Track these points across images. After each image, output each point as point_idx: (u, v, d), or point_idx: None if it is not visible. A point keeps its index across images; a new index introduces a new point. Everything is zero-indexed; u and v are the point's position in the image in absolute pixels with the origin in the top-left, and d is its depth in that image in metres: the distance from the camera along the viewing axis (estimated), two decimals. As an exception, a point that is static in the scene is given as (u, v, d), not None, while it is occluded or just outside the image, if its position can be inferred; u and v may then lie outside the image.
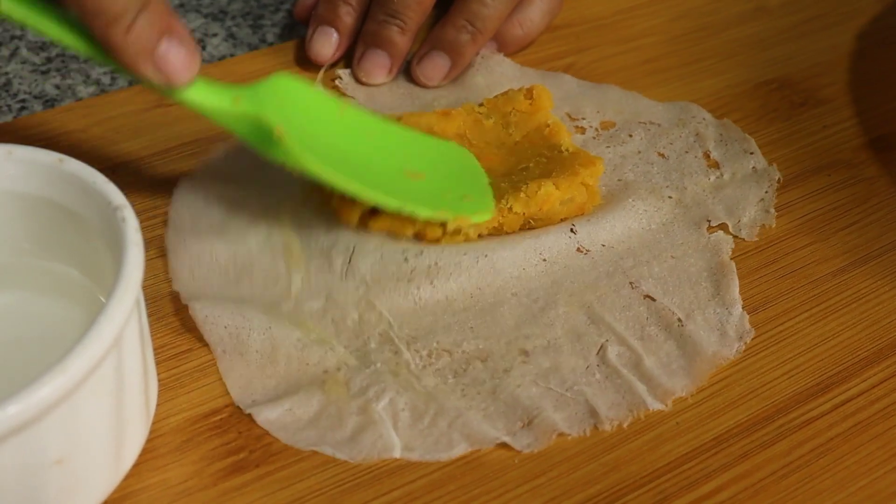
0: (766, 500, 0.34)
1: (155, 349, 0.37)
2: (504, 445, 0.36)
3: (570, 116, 0.50)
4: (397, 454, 0.35)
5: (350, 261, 0.41)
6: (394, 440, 0.35)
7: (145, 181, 0.46)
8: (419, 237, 0.42)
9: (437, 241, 0.42)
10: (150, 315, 0.38)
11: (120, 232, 0.32)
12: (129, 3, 0.34)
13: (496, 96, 0.48)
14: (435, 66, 0.51)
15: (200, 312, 0.39)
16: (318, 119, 0.42)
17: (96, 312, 0.29)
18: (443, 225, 0.41)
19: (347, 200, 0.41)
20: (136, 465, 0.34)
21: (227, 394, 0.37)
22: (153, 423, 0.35)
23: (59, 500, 0.30)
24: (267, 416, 0.36)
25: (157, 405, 0.36)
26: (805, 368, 0.39)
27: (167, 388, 0.37)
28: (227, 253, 0.41)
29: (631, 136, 0.49)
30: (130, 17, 0.34)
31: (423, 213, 0.40)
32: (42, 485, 0.29)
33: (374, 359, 0.38)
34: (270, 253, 0.41)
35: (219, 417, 0.36)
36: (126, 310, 0.29)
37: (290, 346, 0.38)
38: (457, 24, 0.51)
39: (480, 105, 0.47)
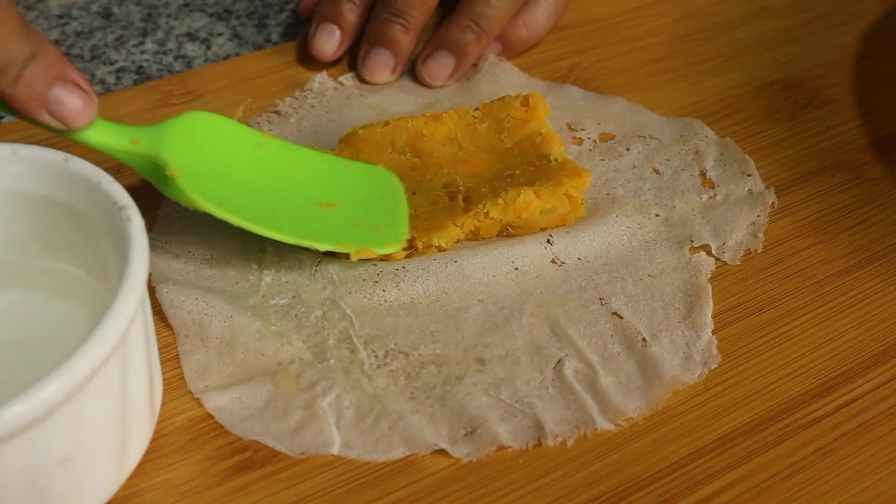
0: (770, 500, 0.34)
1: (159, 349, 0.37)
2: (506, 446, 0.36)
3: (569, 127, 0.49)
4: (335, 451, 0.35)
5: (319, 262, 0.41)
6: (334, 437, 0.35)
7: (149, 181, 0.45)
8: (386, 258, 0.42)
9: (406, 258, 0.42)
10: (153, 315, 0.39)
11: (125, 231, 0.32)
12: (14, 56, 0.34)
13: (492, 101, 0.47)
14: (440, 66, 0.51)
15: (166, 296, 0.39)
16: (232, 152, 0.42)
17: (101, 312, 0.29)
18: (412, 246, 0.42)
19: None
20: (141, 464, 0.34)
21: (232, 393, 0.37)
22: (158, 423, 0.35)
23: (64, 500, 0.30)
24: (216, 403, 0.36)
25: (162, 405, 0.36)
26: (809, 369, 0.39)
27: (171, 387, 0.37)
28: (204, 255, 0.42)
29: (628, 149, 0.48)
30: (17, 69, 0.35)
31: (324, 246, 0.40)
32: (47, 484, 0.29)
33: (330, 355, 0.38)
34: (245, 255, 0.42)
35: (223, 417, 0.36)
36: (131, 309, 0.29)
37: (248, 335, 0.38)
38: (461, 24, 0.51)
39: (476, 109, 0.47)
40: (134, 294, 0.30)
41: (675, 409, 0.37)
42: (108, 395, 0.30)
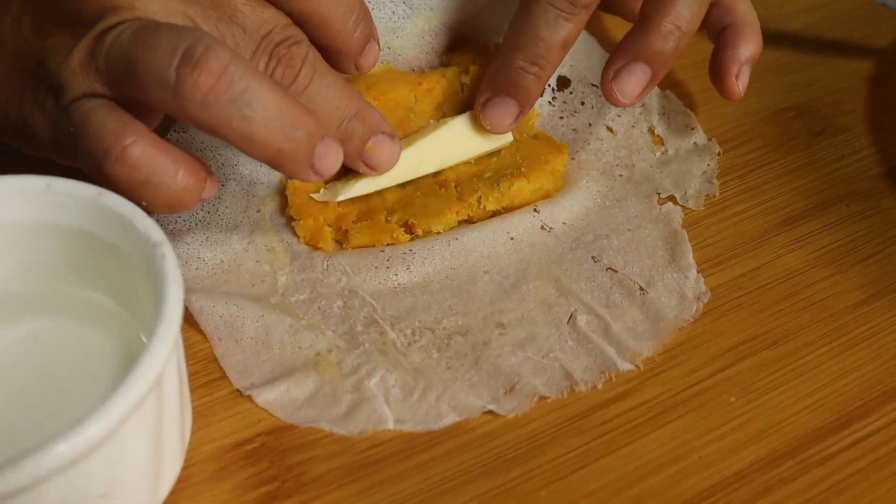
0: (786, 535, 0.35)
1: (186, 357, 0.38)
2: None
3: None
4: (390, 426, 0.37)
5: (330, 257, 0.43)
6: (387, 413, 0.38)
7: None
8: (393, 243, 0.44)
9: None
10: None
11: (159, 269, 0.32)
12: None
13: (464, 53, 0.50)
14: (636, 82, 0.45)
15: (195, 304, 0.41)
16: None
17: (131, 341, 0.30)
18: (412, 231, 0.44)
19: (315, 232, 0.43)
20: (172, 493, 0.35)
21: (259, 422, 0.38)
22: (187, 452, 0.36)
23: (99, 532, 0.31)
24: (266, 398, 0.38)
25: (191, 434, 0.37)
26: (824, 403, 0.39)
27: (199, 416, 0.38)
28: (214, 259, 0.43)
29: (583, 103, 0.51)
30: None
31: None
32: (86, 518, 0.30)
33: (362, 340, 0.40)
34: (255, 255, 0.43)
35: (251, 447, 0.37)
36: (168, 348, 0.30)
37: (282, 331, 0.40)
38: (663, 31, 0.44)
39: (453, 66, 0.49)
40: (170, 333, 0.30)
41: (694, 442, 0.38)
42: (146, 431, 0.31)
